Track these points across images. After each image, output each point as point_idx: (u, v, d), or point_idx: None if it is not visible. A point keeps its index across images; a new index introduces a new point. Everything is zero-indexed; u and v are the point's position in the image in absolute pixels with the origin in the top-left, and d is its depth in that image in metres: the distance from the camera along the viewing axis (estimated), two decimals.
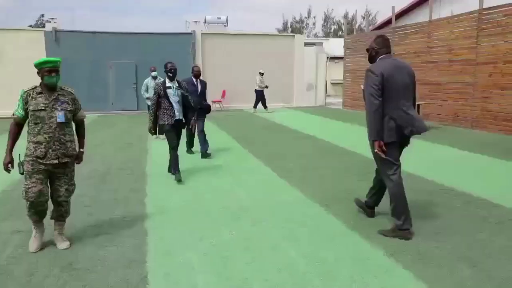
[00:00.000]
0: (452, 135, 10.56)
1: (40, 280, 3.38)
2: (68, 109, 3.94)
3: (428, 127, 4.43)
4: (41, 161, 3.80)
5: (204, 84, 8.32)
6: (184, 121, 6.66)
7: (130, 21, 65.41)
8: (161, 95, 6.40)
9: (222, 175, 6.89)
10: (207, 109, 8.23)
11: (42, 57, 17.29)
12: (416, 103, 11.76)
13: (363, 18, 40.43)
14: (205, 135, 8.27)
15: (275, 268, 3.55)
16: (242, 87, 19.10)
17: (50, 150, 3.81)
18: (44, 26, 18.60)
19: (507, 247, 3.87)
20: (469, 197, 5.43)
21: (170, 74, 6.46)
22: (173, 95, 6.44)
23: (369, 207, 4.74)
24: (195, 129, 7.43)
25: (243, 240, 4.18)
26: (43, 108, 3.80)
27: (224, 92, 19.16)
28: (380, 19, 36.10)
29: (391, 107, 4.05)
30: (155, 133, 6.63)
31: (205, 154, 8.21)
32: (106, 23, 66.30)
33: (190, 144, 8.76)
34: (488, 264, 3.54)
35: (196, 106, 7.39)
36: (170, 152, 6.59)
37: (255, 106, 17.68)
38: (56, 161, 3.85)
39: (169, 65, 6.50)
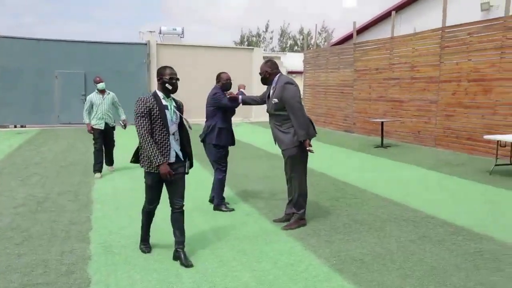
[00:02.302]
0: (416, 154, 10.32)
1: None
2: None
3: None
4: None
5: None
6: (187, 162, 4.06)
7: (81, 30, 62.87)
8: (153, 119, 3.79)
9: None
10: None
11: None
12: (380, 120, 11.60)
13: (319, 34, 40.84)
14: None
15: None
16: (200, 100, 18.30)
17: None
18: None
19: None
20: (453, 226, 4.98)
21: (170, 87, 3.87)
22: (171, 120, 3.89)
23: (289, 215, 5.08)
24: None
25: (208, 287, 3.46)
26: None
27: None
28: (336, 36, 36.63)
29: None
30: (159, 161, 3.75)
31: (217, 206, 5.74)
32: (55, 32, 63.31)
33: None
34: None
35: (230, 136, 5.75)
36: (142, 212, 4.18)
37: None
38: None
39: (168, 71, 3.89)
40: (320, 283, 3.56)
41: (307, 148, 4.76)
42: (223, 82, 5.64)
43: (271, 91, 4.91)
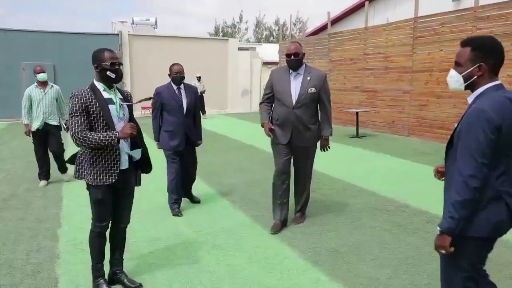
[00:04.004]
0: (390, 143, 10.42)
1: None
2: None
3: None
4: None
5: (193, 93, 5.27)
6: (138, 169, 3.35)
7: (51, 21, 61.00)
8: (93, 118, 2.99)
9: (151, 196, 5.96)
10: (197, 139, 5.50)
11: None
12: (353, 110, 11.66)
13: (294, 24, 40.77)
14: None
15: None
16: None
17: None
18: None
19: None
20: (427, 215, 5.01)
21: (113, 76, 3.05)
22: (118, 116, 3.09)
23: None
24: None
25: (181, 285, 3.36)
26: None
27: (154, 97, 17.97)
28: (310, 26, 36.62)
29: None
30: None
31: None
32: (25, 23, 61.17)
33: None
34: None
35: (186, 136, 5.17)
36: (90, 237, 3.24)
37: None
38: None
39: (107, 54, 3.06)
40: (296, 276, 3.52)
41: (328, 146, 4.64)
42: (173, 76, 5.05)
43: (302, 80, 4.38)
